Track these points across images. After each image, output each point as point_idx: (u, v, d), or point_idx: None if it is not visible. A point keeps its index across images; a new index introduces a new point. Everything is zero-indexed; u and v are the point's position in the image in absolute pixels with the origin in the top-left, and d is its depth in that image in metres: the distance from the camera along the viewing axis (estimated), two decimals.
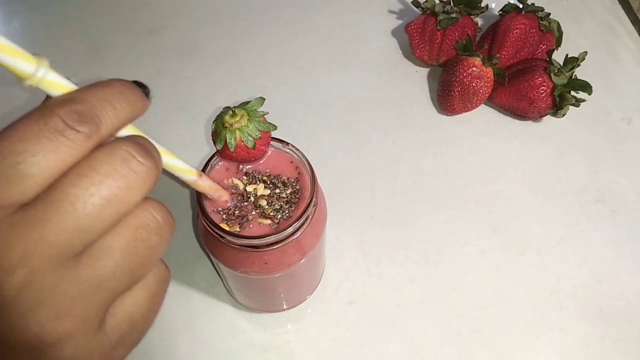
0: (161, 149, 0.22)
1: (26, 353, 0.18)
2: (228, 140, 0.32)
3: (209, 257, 0.46)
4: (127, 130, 0.21)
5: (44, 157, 0.17)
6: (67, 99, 0.18)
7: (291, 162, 0.36)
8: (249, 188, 0.34)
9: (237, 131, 0.32)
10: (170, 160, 0.24)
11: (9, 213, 0.17)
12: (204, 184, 0.29)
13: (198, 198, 0.33)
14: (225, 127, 0.32)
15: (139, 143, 0.19)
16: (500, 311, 0.44)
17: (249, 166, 0.35)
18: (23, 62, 0.18)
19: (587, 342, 0.43)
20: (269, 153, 0.36)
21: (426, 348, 0.43)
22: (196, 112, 0.55)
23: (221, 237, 0.32)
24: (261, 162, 0.36)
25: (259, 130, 0.33)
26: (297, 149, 0.35)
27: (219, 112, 0.33)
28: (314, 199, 0.33)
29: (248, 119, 0.32)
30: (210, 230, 0.32)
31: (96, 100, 0.18)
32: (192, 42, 0.60)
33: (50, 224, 0.17)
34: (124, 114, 0.19)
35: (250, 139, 0.32)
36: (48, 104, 0.18)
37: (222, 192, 0.32)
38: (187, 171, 0.26)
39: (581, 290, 0.45)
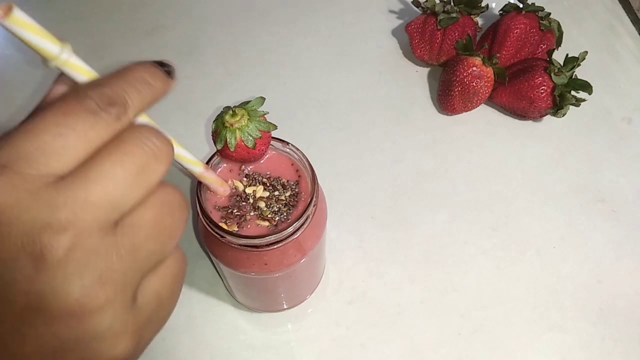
0: (172, 139, 0.24)
1: (66, 323, 0.18)
2: (228, 140, 0.32)
3: (209, 257, 0.46)
4: (143, 119, 0.22)
5: (82, 131, 0.18)
6: (96, 84, 0.20)
7: (292, 164, 0.36)
8: (248, 190, 0.34)
9: (237, 131, 0.32)
10: (179, 151, 0.26)
11: (52, 180, 0.18)
12: (210, 177, 0.31)
13: (198, 198, 0.33)
14: (226, 127, 0.32)
15: (154, 127, 0.21)
16: (500, 311, 0.44)
17: (250, 167, 0.35)
18: (50, 44, 0.19)
19: (587, 342, 0.43)
20: (270, 155, 0.36)
21: (426, 348, 0.43)
22: (196, 112, 0.55)
23: (221, 236, 0.32)
24: (262, 162, 0.36)
25: (259, 130, 0.33)
26: (297, 149, 0.35)
27: (219, 112, 0.33)
28: (314, 199, 0.33)
29: (248, 119, 0.32)
30: (210, 230, 0.32)
31: (123, 85, 0.20)
32: (192, 42, 0.60)
33: (91, 190, 0.18)
34: (147, 97, 0.21)
35: (251, 138, 0.32)
36: (79, 88, 0.19)
37: (227, 186, 0.34)
38: (195, 163, 0.28)
39: (581, 290, 0.45)
